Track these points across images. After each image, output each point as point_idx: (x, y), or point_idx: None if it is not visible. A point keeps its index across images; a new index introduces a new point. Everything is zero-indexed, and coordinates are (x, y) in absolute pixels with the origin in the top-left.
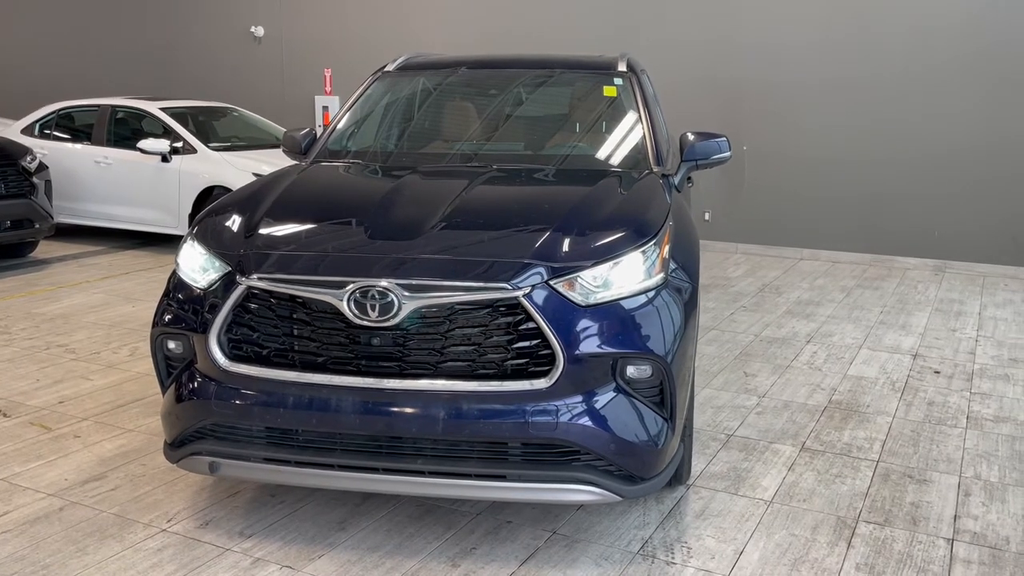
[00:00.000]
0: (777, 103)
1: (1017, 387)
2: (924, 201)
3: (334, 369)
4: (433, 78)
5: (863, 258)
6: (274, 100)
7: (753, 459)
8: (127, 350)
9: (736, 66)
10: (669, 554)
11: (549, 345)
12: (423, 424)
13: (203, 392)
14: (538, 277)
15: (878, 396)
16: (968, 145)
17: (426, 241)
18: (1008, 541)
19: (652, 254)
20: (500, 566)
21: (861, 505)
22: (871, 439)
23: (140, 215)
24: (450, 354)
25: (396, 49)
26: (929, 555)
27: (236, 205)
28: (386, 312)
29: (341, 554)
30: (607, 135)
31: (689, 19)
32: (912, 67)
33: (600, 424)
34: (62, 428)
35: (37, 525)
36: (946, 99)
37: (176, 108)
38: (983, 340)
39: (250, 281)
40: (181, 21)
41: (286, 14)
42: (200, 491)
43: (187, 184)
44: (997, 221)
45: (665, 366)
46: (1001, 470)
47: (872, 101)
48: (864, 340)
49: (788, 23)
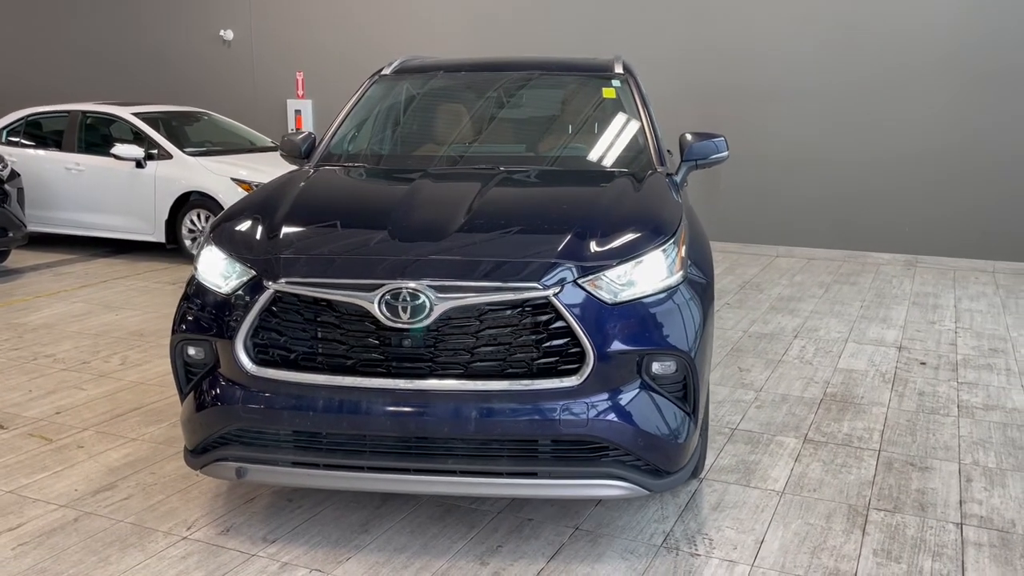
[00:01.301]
0: (752, 106)
1: (1001, 376)
2: (895, 198)
3: (364, 371)
4: (432, 81)
5: (837, 254)
6: (245, 104)
7: (759, 452)
8: (117, 359)
9: (711, 70)
10: (692, 546)
11: (579, 343)
12: (455, 424)
13: (228, 397)
14: (567, 276)
15: (870, 388)
16: (937, 145)
17: (453, 243)
18: (1014, 524)
19: (672, 252)
20: (528, 562)
21: (870, 493)
22: (870, 429)
23: (114, 222)
24: (481, 354)
25: (368, 53)
26: (941, 539)
27: (252, 210)
28: (418, 313)
29: (368, 556)
30: (610, 136)
31: (666, 25)
32: (883, 71)
33: (628, 420)
34: (63, 439)
35: (54, 536)
36: (916, 102)
37: (149, 113)
38: (962, 331)
39: (278, 285)
40: (149, 25)
41: (256, 17)
42: (216, 498)
43: (163, 190)
44: (965, 217)
45: (689, 361)
46: (998, 456)
47: (844, 104)
48: (849, 334)
49: (763, 29)
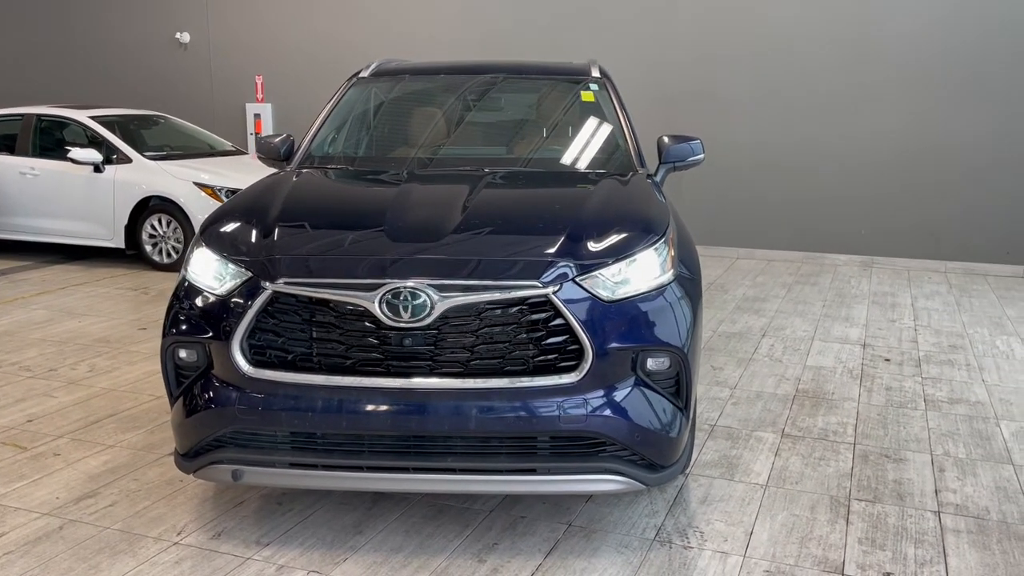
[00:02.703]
0: (712, 113)
1: (962, 371)
2: (851, 203)
3: (363, 371)
4: (413, 84)
5: (796, 255)
6: (203, 108)
7: (740, 447)
8: (85, 366)
9: (672, 76)
10: (684, 539)
11: (577, 340)
12: (456, 422)
13: (224, 400)
14: (566, 275)
15: (840, 384)
16: (891, 152)
17: (451, 243)
18: (988, 511)
19: (663, 251)
20: (526, 559)
21: (849, 484)
22: (843, 423)
23: (71, 228)
24: (480, 352)
25: (330, 57)
26: (921, 527)
27: (242, 212)
28: (419, 313)
29: (365, 556)
30: (591, 139)
31: (627, 31)
32: (840, 82)
33: (625, 415)
34: (38, 447)
35: (40, 545)
36: (872, 112)
37: (106, 116)
38: (921, 329)
39: (276, 286)
40: (103, 27)
41: (213, 20)
42: (203, 502)
43: (123, 195)
44: (918, 220)
45: (683, 357)
46: (966, 447)
47: (801, 112)
48: (815, 332)
49: (723, 36)
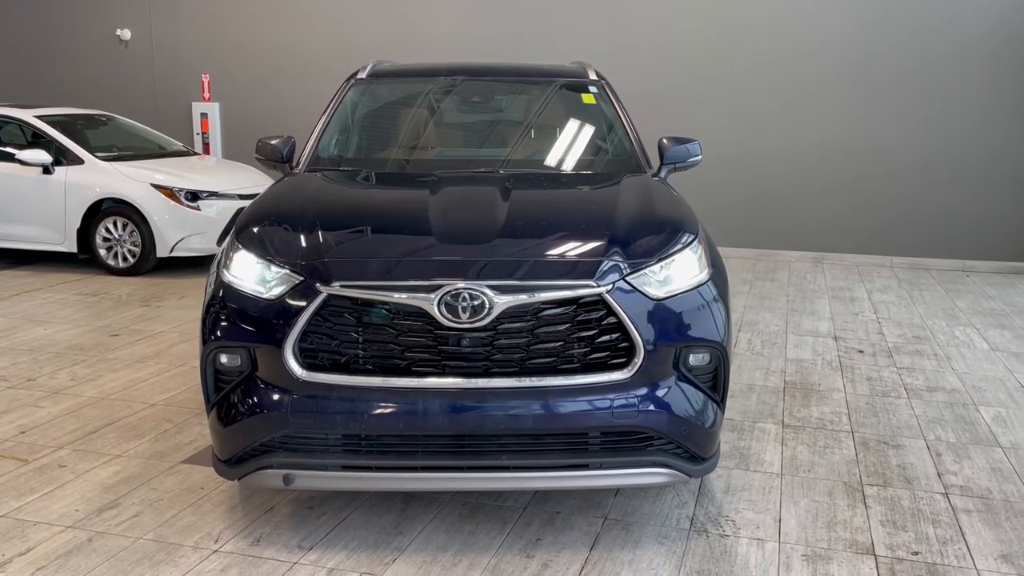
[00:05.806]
0: (663, 113)
1: (932, 360)
2: (801, 201)
3: (419, 371)
4: (413, 85)
5: (750, 252)
6: (147, 107)
7: (747, 438)
8: (65, 375)
9: (626, 72)
10: (719, 528)
11: (628, 338)
12: (513, 421)
13: (273, 404)
14: (617, 274)
15: (823, 375)
16: (839, 150)
17: (503, 244)
18: (990, 491)
19: (698, 249)
20: (572, 553)
21: (858, 471)
22: (837, 413)
23: (18, 232)
24: (535, 351)
25: (280, 56)
26: (935, 508)
27: (276, 215)
28: (477, 313)
29: (413, 556)
30: (598, 140)
31: (576, 30)
32: (788, 80)
33: (670, 410)
34: (40, 459)
35: (72, 559)
36: (819, 112)
37: (53, 116)
38: (884, 321)
39: (332, 289)
40: (39, 23)
41: (156, 17)
42: (232, 509)
43: (75, 197)
44: (864, 217)
45: (723, 352)
46: (955, 432)
47: (752, 111)
48: (786, 326)
49: (676, 33)
